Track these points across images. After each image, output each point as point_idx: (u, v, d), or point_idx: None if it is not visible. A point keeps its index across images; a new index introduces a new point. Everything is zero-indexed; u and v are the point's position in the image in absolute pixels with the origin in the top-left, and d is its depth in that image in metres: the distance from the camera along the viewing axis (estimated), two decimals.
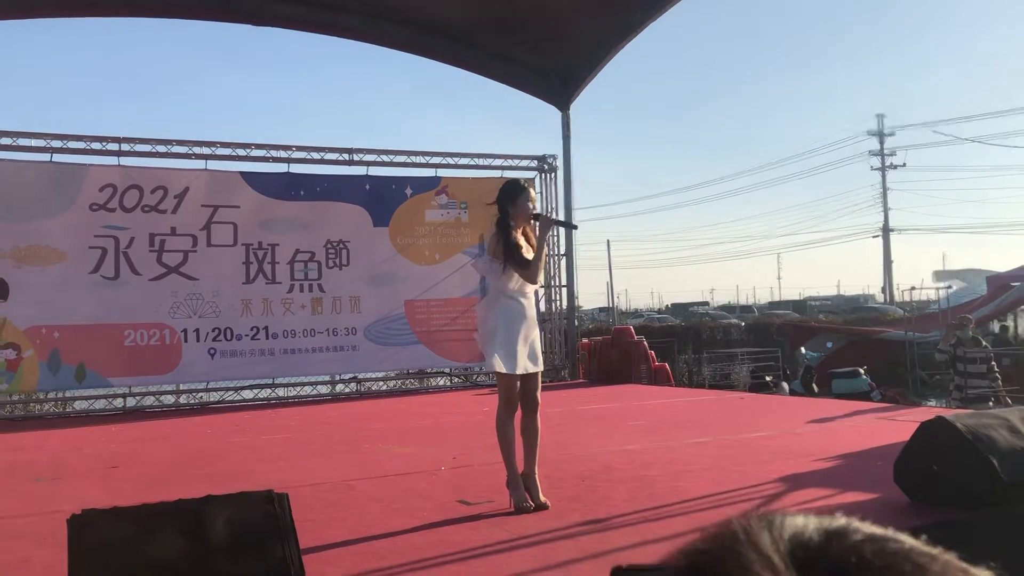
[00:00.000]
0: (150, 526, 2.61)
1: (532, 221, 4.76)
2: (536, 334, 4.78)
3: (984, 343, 10.76)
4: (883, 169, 52.40)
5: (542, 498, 4.52)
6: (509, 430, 4.59)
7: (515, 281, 4.63)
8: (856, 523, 0.54)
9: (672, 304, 58.20)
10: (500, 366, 4.56)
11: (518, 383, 4.63)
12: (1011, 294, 19.39)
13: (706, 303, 57.83)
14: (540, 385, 4.79)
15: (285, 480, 5.37)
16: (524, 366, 4.58)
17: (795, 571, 0.49)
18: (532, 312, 4.76)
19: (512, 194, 4.67)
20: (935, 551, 0.51)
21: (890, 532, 0.53)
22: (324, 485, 5.31)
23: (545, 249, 4.64)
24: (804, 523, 0.54)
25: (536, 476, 4.58)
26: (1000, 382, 10.47)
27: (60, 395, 10.52)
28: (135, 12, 11.68)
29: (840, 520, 0.54)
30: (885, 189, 52.43)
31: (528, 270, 4.57)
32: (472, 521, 4.32)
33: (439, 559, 3.65)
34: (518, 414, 4.68)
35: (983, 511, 4.03)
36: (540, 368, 4.75)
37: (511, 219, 4.62)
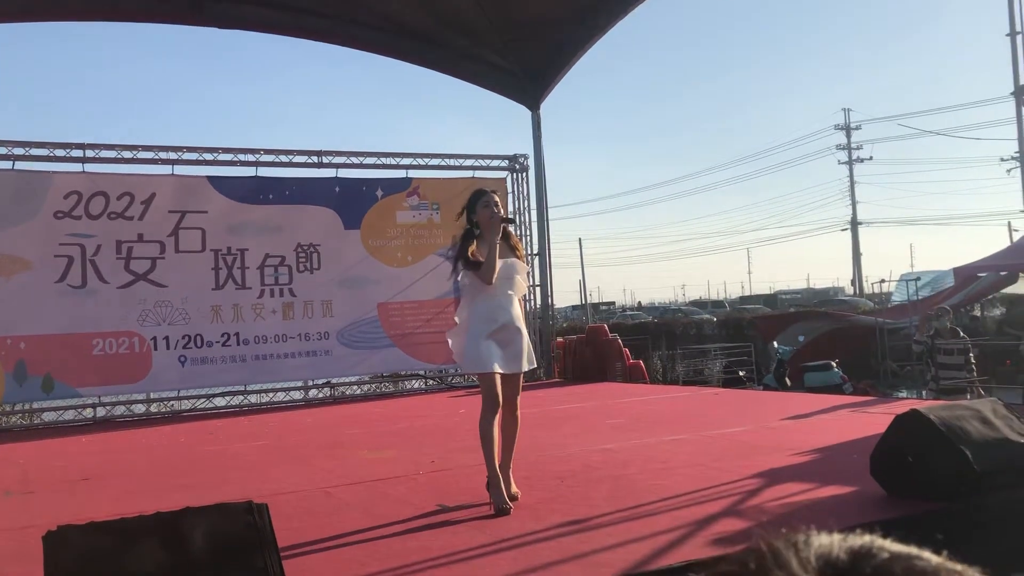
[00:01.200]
0: (128, 540, 2.56)
1: (501, 224, 4.78)
2: (518, 335, 4.78)
3: (962, 334, 10.84)
4: (850, 163, 53.01)
5: (514, 489, 4.73)
6: (490, 431, 4.60)
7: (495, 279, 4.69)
8: (880, 541, 0.54)
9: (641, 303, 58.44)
10: (470, 365, 4.78)
11: (497, 383, 4.65)
12: (978, 284, 19.66)
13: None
14: (520, 386, 4.88)
15: (262, 488, 5.32)
16: (497, 365, 4.63)
17: None
18: (508, 313, 4.76)
19: (471, 204, 4.82)
20: (960, 567, 0.51)
21: (914, 550, 0.52)
22: (301, 493, 5.26)
23: (496, 248, 4.68)
24: (830, 543, 0.53)
25: (510, 470, 4.78)
26: (975, 373, 10.58)
27: (27, 407, 10.33)
28: (101, 16, 11.53)
29: (864, 538, 0.54)
30: (853, 183, 53.05)
31: (479, 271, 4.66)
32: (452, 525, 4.29)
33: (420, 564, 3.62)
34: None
35: (958, 502, 4.08)
36: (522, 369, 4.79)
37: (477, 226, 4.75)
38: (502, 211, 4.80)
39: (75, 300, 10.12)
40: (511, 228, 4.99)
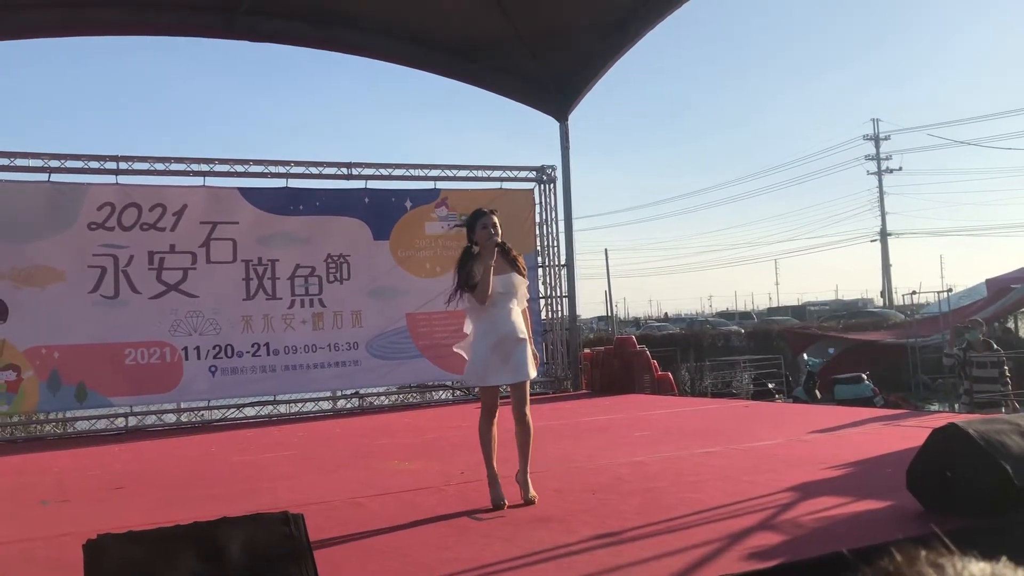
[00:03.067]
0: (166, 550, 2.57)
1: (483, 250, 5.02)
2: (518, 346, 4.98)
3: (995, 347, 10.65)
4: (879, 173, 52.65)
5: (532, 493, 4.93)
6: (486, 434, 4.97)
7: (488, 298, 4.95)
8: None
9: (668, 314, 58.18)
10: (469, 378, 5.19)
11: (495, 393, 5.03)
12: (1011, 296, 19.38)
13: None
14: (527, 395, 5.06)
15: (293, 498, 5.34)
16: (493, 378, 4.94)
17: None
18: (509, 325, 4.99)
19: (471, 224, 5.10)
20: None
21: None
22: (332, 503, 5.28)
23: (491, 269, 4.93)
24: (984, 572, 0.51)
25: (528, 475, 5.00)
26: (1011, 386, 10.40)
27: (61, 416, 10.47)
28: (134, 31, 11.70)
29: (1016, 571, 0.51)
30: (882, 193, 52.69)
31: (475, 292, 4.94)
32: (483, 537, 4.28)
33: None
34: (499, 418, 5.06)
35: (998, 517, 4.01)
36: (521, 379, 4.98)
37: (474, 244, 5.06)
38: (499, 232, 5.03)
39: (108, 310, 10.23)
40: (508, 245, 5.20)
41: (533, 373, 5.07)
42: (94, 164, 10.52)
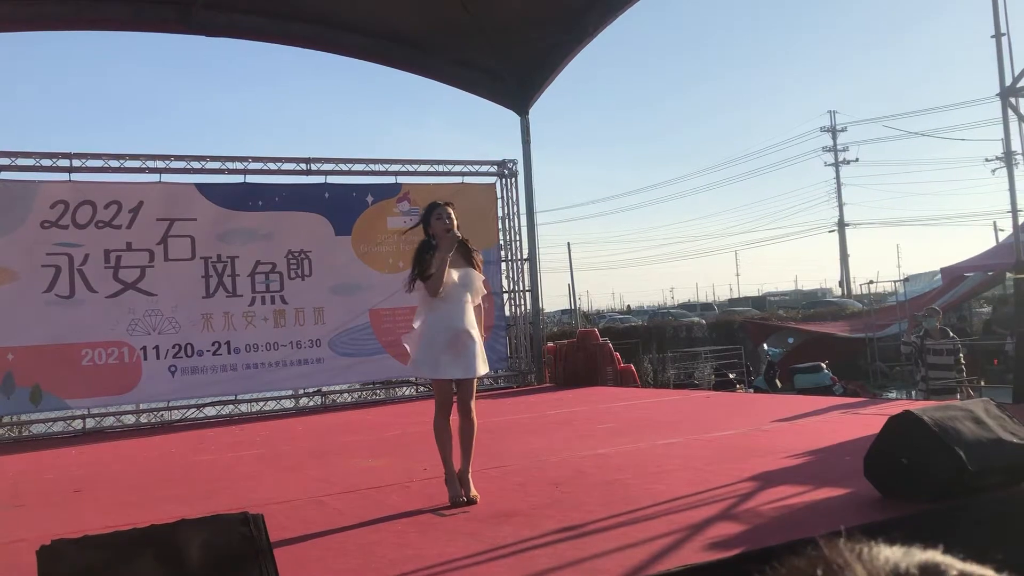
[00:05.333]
0: (123, 554, 2.53)
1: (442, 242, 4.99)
2: (470, 341, 4.98)
3: (951, 334, 10.87)
4: (836, 164, 53.32)
5: (473, 493, 4.92)
6: (443, 432, 4.99)
7: (441, 291, 4.93)
8: (943, 556, 0.54)
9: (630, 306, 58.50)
10: (421, 369, 5.14)
11: (450, 386, 5.00)
12: (965, 284, 19.76)
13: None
14: (474, 390, 5.10)
15: (255, 498, 5.30)
16: (447, 371, 4.92)
17: None
18: (461, 320, 4.98)
19: (426, 217, 5.10)
20: None
21: (977, 567, 0.51)
22: (295, 502, 5.23)
23: (446, 262, 4.93)
24: (897, 556, 0.53)
25: (469, 473, 4.98)
26: (965, 373, 10.61)
27: (15, 419, 10.24)
28: (86, 26, 11.46)
29: (928, 553, 0.54)
30: (839, 184, 53.37)
31: (428, 283, 4.94)
32: (447, 533, 4.28)
33: (417, 573, 3.61)
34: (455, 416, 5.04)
35: (952, 502, 4.09)
36: (471, 375, 5.00)
37: (433, 238, 5.02)
38: (455, 224, 5.00)
39: (63, 310, 10.04)
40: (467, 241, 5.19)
41: (484, 369, 5.09)
42: (46, 162, 10.30)
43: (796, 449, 5.93)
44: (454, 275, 4.98)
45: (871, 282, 23.57)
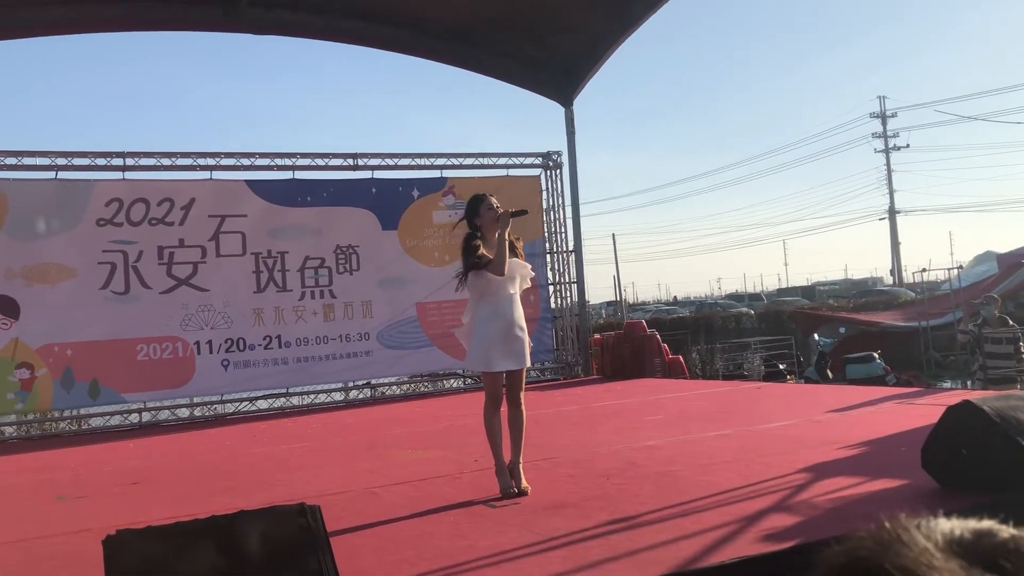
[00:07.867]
0: (185, 544, 2.59)
1: (499, 220, 5.02)
2: (520, 333, 5.01)
3: (1011, 322, 10.56)
4: (887, 151, 52.31)
5: (524, 484, 4.90)
6: (494, 423, 5.02)
7: (492, 283, 4.95)
8: (997, 524, 0.59)
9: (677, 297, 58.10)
10: (474, 364, 5.16)
11: (501, 379, 5.02)
12: (1022, 273, 19.28)
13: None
14: (524, 381, 5.14)
15: (309, 490, 5.37)
16: (500, 364, 4.94)
17: (954, 561, 0.54)
18: (511, 312, 5.01)
19: (474, 208, 5.11)
20: None
21: None
22: (349, 494, 5.30)
23: (507, 241, 4.98)
24: (951, 525, 0.59)
25: (520, 465, 4.98)
26: None
27: (75, 413, 10.52)
28: (135, 27, 11.67)
29: (982, 523, 0.59)
30: (890, 171, 52.36)
31: (491, 266, 4.91)
32: (499, 524, 4.29)
33: (470, 564, 3.63)
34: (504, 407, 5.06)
35: (1013, 492, 4.00)
36: (522, 366, 5.04)
37: (479, 230, 5.04)
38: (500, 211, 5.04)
39: (119, 306, 10.27)
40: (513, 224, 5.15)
41: (529, 362, 5.14)
42: (100, 161, 10.53)
43: (850, 440, 5.84)
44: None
45: (924, 270, 23.12)
